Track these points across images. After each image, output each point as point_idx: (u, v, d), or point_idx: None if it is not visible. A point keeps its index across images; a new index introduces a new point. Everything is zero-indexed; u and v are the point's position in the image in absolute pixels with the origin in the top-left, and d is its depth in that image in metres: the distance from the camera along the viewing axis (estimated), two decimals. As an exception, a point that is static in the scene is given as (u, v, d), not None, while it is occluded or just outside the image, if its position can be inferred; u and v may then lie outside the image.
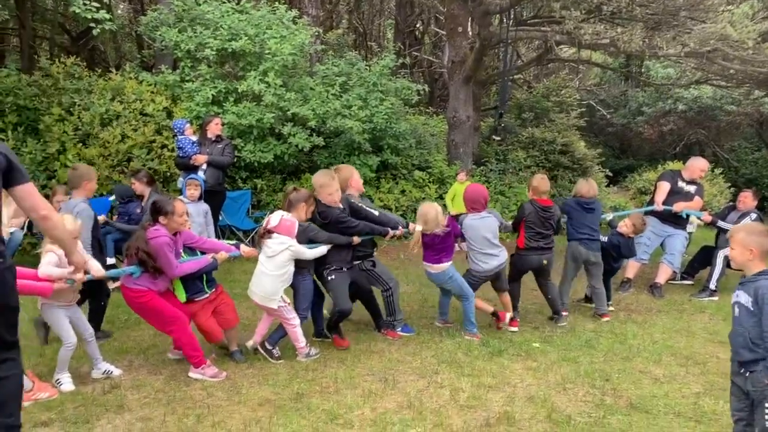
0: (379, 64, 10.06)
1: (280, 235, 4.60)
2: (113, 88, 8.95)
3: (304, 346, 4.81)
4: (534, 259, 5.77)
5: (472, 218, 5.48)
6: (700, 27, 9.20)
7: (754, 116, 17.08)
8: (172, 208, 4.26)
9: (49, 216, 3.06)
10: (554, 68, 18.22)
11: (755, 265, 3.16)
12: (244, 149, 8.71)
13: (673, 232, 7.40)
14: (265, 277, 4.63)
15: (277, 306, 4.66)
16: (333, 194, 4.99)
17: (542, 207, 5.74)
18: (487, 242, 5.45)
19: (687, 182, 7.34)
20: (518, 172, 11.99)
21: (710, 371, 4.78)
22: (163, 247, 4.14)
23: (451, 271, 5.38)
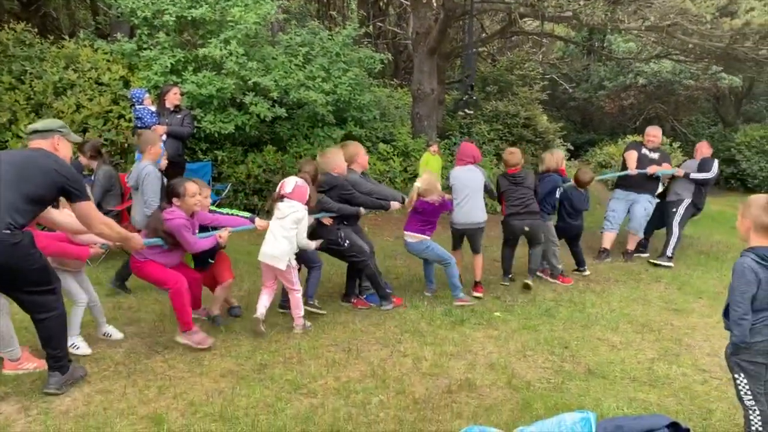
0: (341, 34, 9.92)
1: (291, 200, 4.78)
2: (67, 56, 8.63)
3: (301, 317, 4.85)
4: (516, 224, 6.14)
5: (460, 169, 5.91)
6: (660, 1, 9.31)
7: (711, 91, 17.48)
8: (183, 190, 4.35)
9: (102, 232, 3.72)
10: (518, 41, 18.26)
11: (748, 239, 2.97)
12: (204, 120, 8.52)
13: (636, 198, 7.67)
14: (274, 238, 4.74)
15: (285, 267, 4.73)
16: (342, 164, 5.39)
17: (510, 175, 6.16)
18: (471, 194, 5.79)
19: (650, 150, 7.67)
20: (482, 145, 12.03)
21: (664, 338, 4.93)
22: (180, 228, 4.27)
23: (429, 241, 5.62)
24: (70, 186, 3.49)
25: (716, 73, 15.53)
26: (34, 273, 3.44)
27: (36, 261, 3.44)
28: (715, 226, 10.97)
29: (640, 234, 7.77)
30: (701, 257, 8.00)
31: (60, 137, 3.73)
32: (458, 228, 5.95)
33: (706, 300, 6.06)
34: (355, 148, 5.65)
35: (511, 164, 6.23)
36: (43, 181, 3.41)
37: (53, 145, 3.68)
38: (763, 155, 16.17)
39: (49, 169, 3.44)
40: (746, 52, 10.01)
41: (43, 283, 3.50)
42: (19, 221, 3.30)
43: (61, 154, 3.70)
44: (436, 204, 5.47)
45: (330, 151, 5.57)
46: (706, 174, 7.55)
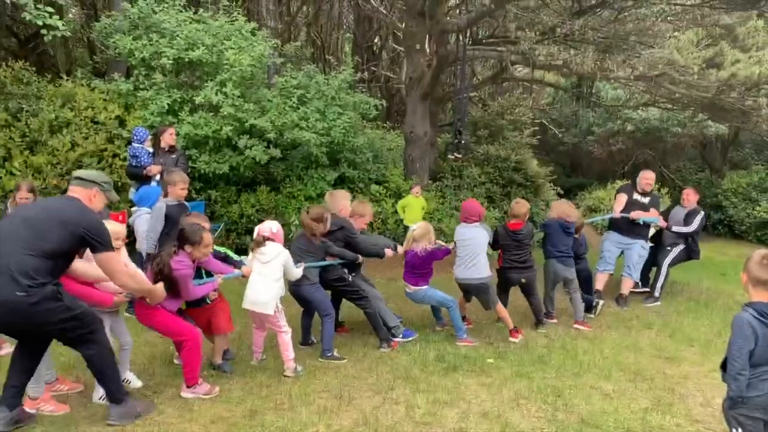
0: (337, 78, 10.08)
1: (274, 242, 4.79)
2: (63, 94, 8.71)
3: (292, 360, 4.81)
4: (513, 277, 6.29)
5: (464, 226, 6.01)
6: (649, 52, 9.55)
7: (697, 138, 17.74)
8: (200, 239, 4.31)
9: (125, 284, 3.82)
10: (509, 87, 18.58)
11: (749, 293, 3.00)
12: (199, 160, 8.58)
13: (630, 243, 7.76)
14: (261, 283, 4.72)
15: (273, 312, 4.71)
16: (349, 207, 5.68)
17: (511, 231, 6.22)
18: (472, 252, 5.88)
19: (641, 194, 7.79)
20: (473, 188, 12.14)
21: (657, 387, 4.91)
22: (185, 279, 4.25)
23: (428, 290, 5.81)
24: (91, 237, 3.52)
25: (703, 121, 15.80)
26: (62, 323, 3.47)
27: (61, 312, 3.45)
28: (704, 272, 11.01)
29: (634, 278, 7.84)
30: (691, 304, 8.02)
31: (98, 191, 3.81)
32: (461, 283, 6.08)
33: (698, 348, 6.06)
34: (366, 208, 5.97)
35: (517, 215, 6.28)
36: (61, 235, 3.44)
37: (89, 196, 3.76)
38: (749, 202, 16.34)
39: (70, 220, 3.48)
40: (732, 102, 10.24)
41: (76, 329, 3.56)
42: (37, 280, 3.32)
43: (94, 205, 3.78)
44: (422, 254, 5.66)
45: (339, 192, 5.81)
46: (687, 228, 7.79)
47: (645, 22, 10.06)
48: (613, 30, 9.90)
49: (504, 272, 6.34)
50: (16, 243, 3.36)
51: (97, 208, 3.81)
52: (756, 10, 10.03)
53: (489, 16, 10.63)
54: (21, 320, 3.34)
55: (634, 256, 7.74)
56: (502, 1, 8.90)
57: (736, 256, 13.38)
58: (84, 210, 3.63)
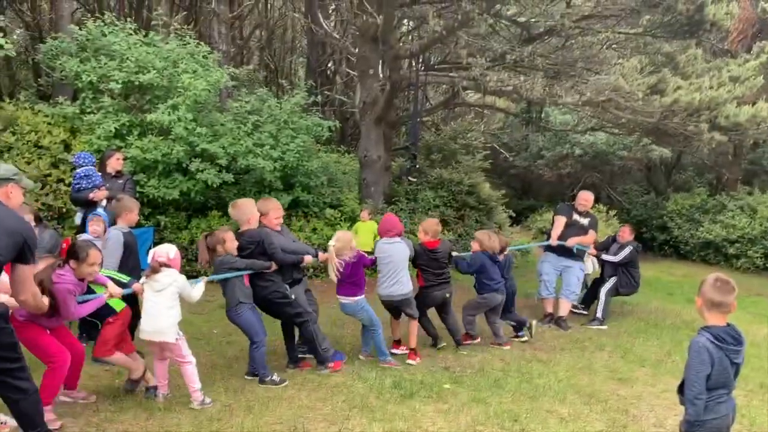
0: (290, 102, 10.03)
1: (170, 268, 4.59)
2: (5, 118, 8.41)
3: (198, 391, 4.58)
4: (437, 294, 6.23)
5: (385, 242, 5.92)
6: (595, 78, 9.85)
7: (643, 161, 18.36)
8: (85, 256, 4.10)
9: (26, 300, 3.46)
10: (461, 112, 18.87)
11: (704, 317, 3.03)
12: (147, 184, 8.37)
13: (569, 265, 7.86)
14: (155, 311, 4.50)
15: (175, 339, 4.52)
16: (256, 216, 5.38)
17: (429, 249, 6.18)
18: (394, 267, 5.82)
19: (581, 214, 7.88)
20: (427, 211, 12.18)
21: (611, 408, 4.96)
22: (64, 293, 3.99)
23: (363, 302, 5.71)
24: (28, 245, 3.31)
25: (647, 144, 16.36)
26: (5, 349, 3.32)
27: (7, 336, 3.33)
28: (651, 292, 11.28)
29: (572, 300, 7.94)
30: (641, 324, 8.19)
31: (13, 185, 3.61)
32: (385, 300, 5.98)
33: (649, 368, 6.17)
34: (270, 204, 5.65)
35: (428, 232, 6.24)
36: (8, 246, 3.21)
37: (6, 194, 3.56)
38: (693, 223, 16.91)
39: (16, 230, 3.26)
40: (675, 127, 10.63)
41: (13, 360, 3.36)
42: None
43: (13, 202, 3.59)
44: (350, 262, 5.59)
45: (241, 201, 5.54)
46: (612, 257, 8.04)
47: (591, 50, 10.40)
48: (561, 57, 10.20)
49: (427, 291, 6.24)
50: None
51: (17, 204, 3.63)
52: (695, 39, 10.47)
53: (441, 42, 10.80)
54: None
55: (572, 278, 7.85)
56: (453, 28, 9.05)
57: (683, 275, 13.81)
58: (21, 218, 3.44)
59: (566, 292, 7.85)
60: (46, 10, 16.37)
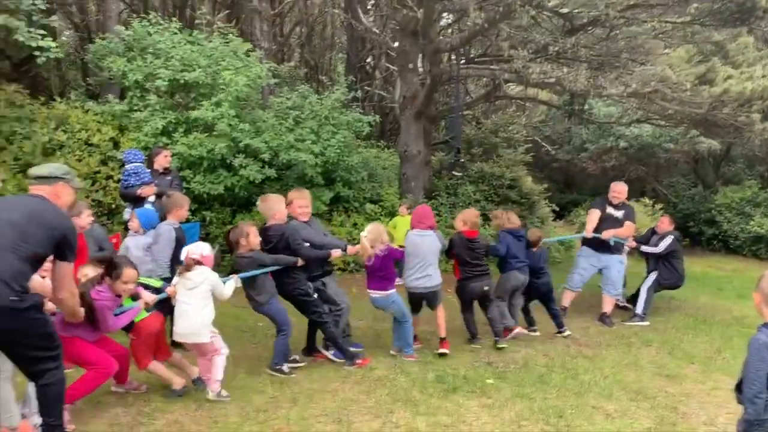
0: (330, 98, 10.09)
1: (203, 266, 4.62)
2: (57, 116, 8.68)
3: (218, 382, 4.62)
4: (475, 286, 6.13)
5: (416, 233, 5.84)
6: (641, 69, 9.62)
7: (690, 154, 17.83)
8: (120, 273, 4.16)
9: (65, 299, 3.57)
10: (502, 105, 18.66)
11: (763, 314, 2.91)
12: (193, 180, 8.54)
13: (607, 261, 7.68)
14: (190, 312, 4.53)
15: (209, 339, 4.57)
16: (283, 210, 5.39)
17: (467, 239, 6.08)
18: (423, 260, 5.76)
19: (615, 207, 7.67)
20: (468, 205, 12.09)
21: (659, 406, 4.86)
22: (103, 310, 4.09)
23: (394, 295, 5.71)
24: (68, 243, 3.39)
25: (695, 136, 15.92)
26: (39, 338, 3.35)
27: (42, 325, 3.36)
28: (699, 287, 11.00)
29: (613, 295, 7.74)
30: (689, 320, 7.99)
31: (63, 184, 3.64)
32: (414, 293, 5.93)
33: (698, 365, 6.02)
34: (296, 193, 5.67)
35: (471, 226, 6.17)
36: (44, 239, 3.30)
37: (55, 192, 3.57)
38: (743, 217, 16.38)
39: (54, 225, 3.35)
40: (725, 118, 10.29)
41: (46, 348, 3.40)
42: (24, 285, 3.22)
43: (62, 201, 3.62)
44: (381, 255, 5.55)
45: (271, 197, 5.55)
46: (654, 248, 7.84)
47: (637, 40, 10.16)
48: (606, 47, 10.00)
49: (464, 283, 6.17)
50: (4, 246, 3.20)
51: (66, 203, 3.67)
52: (746, 27, 10.12)
53: (482, 35, 10.70)
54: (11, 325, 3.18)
55: (612, 273, 7.68)
56: (495, 20, 8.95)
57: (732, 270, 13.42)
58: (63, 214, 3.49)
59: (608, 288, 7.69)
60: (94, 12, 16.82)
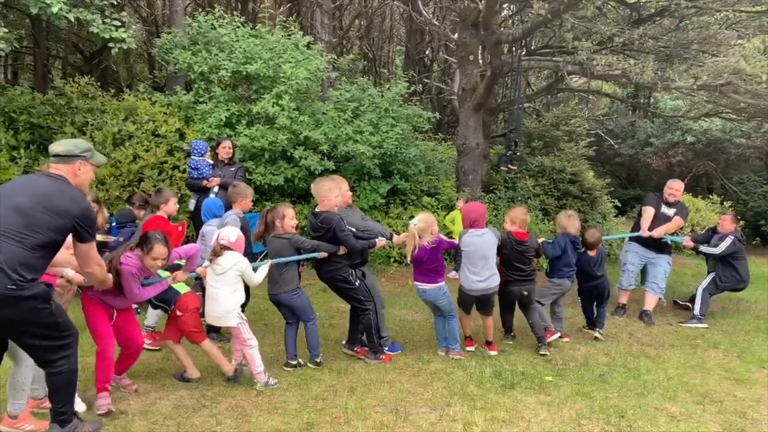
0: (391, 91, 10.10)
1: (232, 251, 4.60)
2: (126, 108, 9.00)
3: (262, 372, 4.67)
4: (513, 290, 5.90)
5: (472, 234, 5.58)
6: (713, 60, 9.22)
7: (763, 149, 17.08)
8: (150, 248, 4.15)
9: (93, 271, 3.64)
10: (563, 97, 18.29)
11: None
12: (255, 172, 8.72)
13: (655, 259, 7.48)
14: (218, 295, 4.58)
15: (236, 323, 4.60)
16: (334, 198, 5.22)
17: (516, 240, 5.81)
18: (483, 261, 5.54)
19: (668, 205, 7.44)
20: (527, 200, 11.94)
21: (727, 410, 4.68)
22: (127, 276, 4.11)
23: (445, 288, 5.53)
24: (83, 227, 3.35)
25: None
26: (43, 327, 3.30)
27: (46, 316, 3.28)
28: (771, 289, 10.54)
29: (657, 293, 7.49)
30: (760, 323, 7.66)
31: (83, 162, 3.52)
32: (472, 295, 5.64)
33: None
34: (339, 181, 5.50)
35: (520, 225, 5.88)
36: (52, 226, 3.24)
37: (74, 171, 3.48)
38: (819, 215, 15.65)
39: (62, 212, 3.27)
40: (802, 112, 9.80)
41: (52, 338, 3.36)
42: (30, 273, 3.15)
43: (81, 179, 3.54)
44: (428, 248, 5.34)
45: (323, 181, 5.37)
46: (712, 249, 7.45)
47: (708, 30, 9.76)
48: (675, 38, 9.64)
49: (504, 286, 5.85)
50: (6, 233, 3.14)
51: (85, 181, 3.60)
52: (827, 15, 9.58)
53: (545, 26, 10.48)
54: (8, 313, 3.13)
55: (659, 271, 7.45)
56: (559, 11, 8.75)
57: (806, 272, 12.76)
58: (75, 197, 3.38)
59: (652, 285, 7.48)
60: (161, 6, 17.34)
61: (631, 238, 7.65)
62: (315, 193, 5.35)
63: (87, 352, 4.89)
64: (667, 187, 7.54)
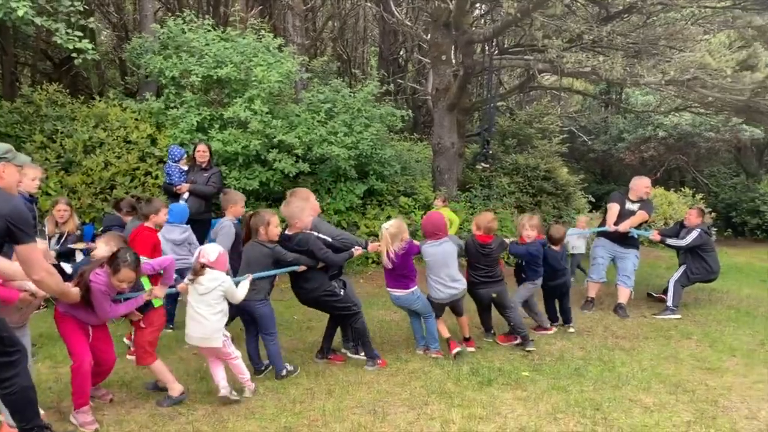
0: (363, 91, 10.11)
1: (214, 270, 4.44)
2: (97, 115, 8.89)
3: (248, 379, 4.61)
4: (482, 293, 5.95)
5: (431, 245, 5.59)
6: (680, 56, 9.38)
7: (732, 142, 17.41)
8: (117, 270, 3.94)
9: (42, 279, 3.34)
10: (536, 95, 18.46)
11: None
12: (229, 176, 8.67)
13: (623, 253, 7.63)
14: (202, 317, 4.38)
15: (221, 344, 4.44)
16: (306, 218, 5.12)
17: (480, 244, 5.86)
18: (444, 269, 5.57)
19: (633, 201, 7.60)
20: (502, 198, 12.05)
21: (699, 399, 4.76)
22: (97, 293, 3.96)
23: (417, 292, 5.56)
24: (15, 226, 3.18)
25: (737, 124, 15.52)
26: None
27: None
28: (743, 278, 10.76)
29: (628, 287, 7.62)
30: (731, 312, 7.81)
31: (5, 164, 3.43)
32: (438, 303, 5.67)
33: (740, 358, 5.88)
34: (305, 194, 5.55)
35: (485, 231, 5.89)
36: None
37: None
38: (788, 206, 16.01)
39: None
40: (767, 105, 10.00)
41: None
42: None
43: (7, 180, 3.42)
44: (400, 254, 5.36)
45: (293, 202, 5.21)
46: (679, 242, 7.63)
47: (675, 26, 9.91)
48: (642, 35, 9.77)
49: (472, 289, 5.93)
50: None
51: (11, 183, 3.48)
52: (790, 10, 9.80)
53: (515, 25, 10.57)
54: None
55: (628, 265, 7.60)
56: (528, 9, 8.83)
57: (777, 262, 13.04)
58: (4, 197, 3.26)
59: (623, 278, 7.62)
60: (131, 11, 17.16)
61: (600, 233, 7.82)
62: (286, 215, 5.18)
63: (61, 362, 4.86)
64: (633, 184, 7.73)
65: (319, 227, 5.32)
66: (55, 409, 4.19)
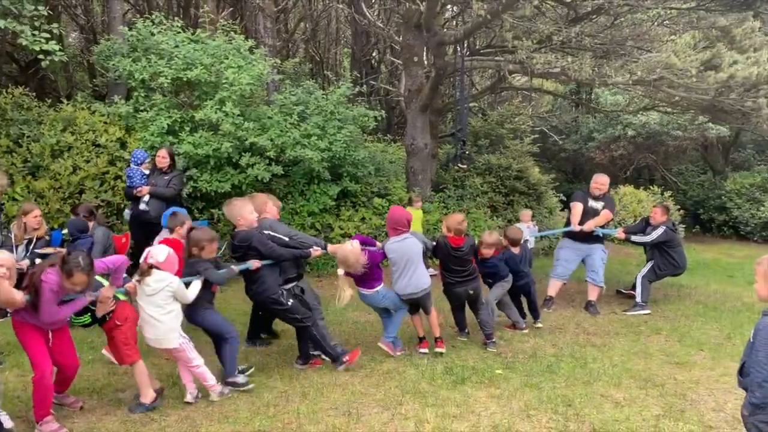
0: (336, 92, 10.10)
1: (161, 271, 4.39)
2: (64, 118, 8.74)
3: (215, 384, 4.57)
4: (459, 291, 6.01)
5: (394, 240, 5.64)
6: (646, 56, 9.54)
7: (699, 141, 17.73)
8: (70, 272, 3.82)
9: None
10: (507, 96, 18.60)
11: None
12: (200, 179, 8.59)
13: (589, 250, 7.73)
14: (153, 319, 4.36)
15: (179, 344, 4.40)
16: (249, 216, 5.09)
17: (452, 246, 5.89)
18: (409, 265, 5.60)
19: (595, 199, 7.72)
20: (475, 197, 12.13)
21: (668, 393, 4.86)
22: (46, 291, 3.84)
23: (383, 290, 5.62)
24: None
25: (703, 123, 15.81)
26: None
27: None
28: (710, 274, 10.98)
29: (598, 283, 7.71)
30: (699, 307, 7.97)
31: None
32: (405, 298, 5.71)
33: (708, 352, 6.01)
34: (262, 198, 5.57)
35: (456, 233, 5.91)
36: None
37: None
38: (753, 202, 16.32)
39: None
40: (732, 104, 10.19)
41: None
42: None
43: None
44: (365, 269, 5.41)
45: (235, 201, 5.23)
46: (644, 238, 7.78)
47: (641, 27, 10.07)
48: (610, 36, 9.91)
49: (448, 289, 6.05)
50: None
51: None
52: (752, 11, 10.01)
53: (485, 26, 10.65)
54: None
55: (596, 261, 7.70)
56: (498, 11, 8.91)
57: (743, 257, 13.33)
58: None
59: (592, 275, 7.72)
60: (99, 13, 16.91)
61: (565, 234, 7.91)
62: (229, 217, 5.23)
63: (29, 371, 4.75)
64: (592, 182, 7.84)
65: (277, 228, 5.34)
66: (23, 418, 4.12)
